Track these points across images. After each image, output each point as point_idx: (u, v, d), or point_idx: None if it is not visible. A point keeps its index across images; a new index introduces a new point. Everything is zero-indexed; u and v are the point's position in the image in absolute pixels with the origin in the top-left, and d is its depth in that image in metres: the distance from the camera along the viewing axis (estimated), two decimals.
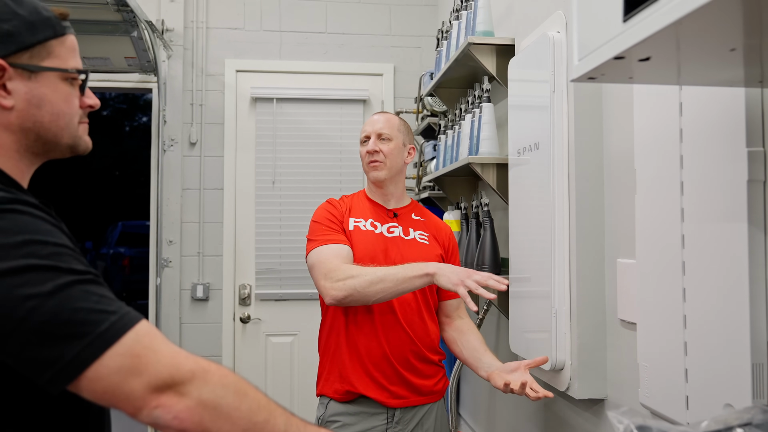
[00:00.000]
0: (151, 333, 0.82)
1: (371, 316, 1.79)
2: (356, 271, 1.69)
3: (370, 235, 1.85)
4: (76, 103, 0.96)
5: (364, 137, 1.95)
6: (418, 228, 1.93)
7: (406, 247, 1.87)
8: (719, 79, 0.95)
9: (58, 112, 0.93)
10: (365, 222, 1.88)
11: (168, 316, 3.44)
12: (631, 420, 0.74)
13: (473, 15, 2.26)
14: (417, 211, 1.99)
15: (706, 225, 1.12)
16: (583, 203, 1.60)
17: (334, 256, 1.74)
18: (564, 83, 1.64)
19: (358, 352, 1.79)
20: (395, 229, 1.90)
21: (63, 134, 0.94)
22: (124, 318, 0.80)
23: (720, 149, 1.09)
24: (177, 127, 3.50)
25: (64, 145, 0.96)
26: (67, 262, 0.80)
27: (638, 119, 1.36)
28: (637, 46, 0.74)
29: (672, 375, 1.22)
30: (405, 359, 1.80)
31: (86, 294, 0.79)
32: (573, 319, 1.61)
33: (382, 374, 1.78)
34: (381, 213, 1.92)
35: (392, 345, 1.79)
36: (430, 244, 1.91)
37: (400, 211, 1.95)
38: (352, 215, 1.89)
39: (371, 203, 1.95)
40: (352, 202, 1.94)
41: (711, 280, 1.11)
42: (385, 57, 3.68)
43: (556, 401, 1.87)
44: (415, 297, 1.83)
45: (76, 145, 0.97)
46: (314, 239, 1.82)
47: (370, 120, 1.98)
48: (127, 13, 2.85)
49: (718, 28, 0.69)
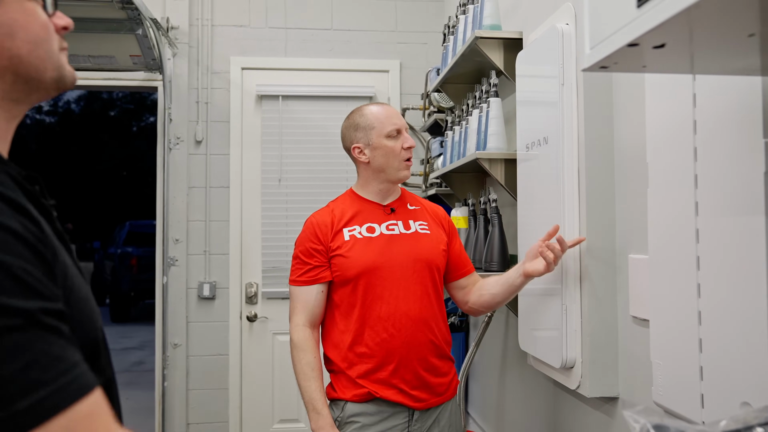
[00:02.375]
0: (93, 415, 0.59)
1: (387, 323, 1.74)
2: (302, 346, 1.77)
3: (366, 242, 1.78)
4: (50, 23, 0.77)
5: (395, 131, 1.80)
6: (417, 218, 1.85)
7: (409, 241, 1.80)
8: (735, 67, 0.92)
9: (35, 39, 0.74)
10: (360, 228, 1.79)
11: (175, 315, 3.43)
12: (647, 419, 0.71)
13: (480, 9, 2.24)
14: (410, 200, 1.91)
15: (721, 219, 1.10)
16: (593, 198, 1.58)
17: (302, 307, 1.80)
18: (573, 76, 1.61)
19: (378, 362, 1.74)
20: (395, 225, 1.82)
21: (46, 66, 0.76)
22: (60, 392, 0.57)
23: (735, 140, 1.06)
24: (183, 125, 3.49)
25: (49, 80, 0.77)
26: (10, 295, 0.58)
27: (650, 111, 1.33)
28: (652, 32, 0.72)
29: (686, 373, 1.19)
30: (424, 358, 1.75)
31: (18, 350, 0.56)
32: (584, 316, 1.58)
33: (402, 380, 1.74)
34: (377, 211, 1.83)
35: (411, 346, 1.74)
36: (432, 233, 1.84)
37: (395, 205, 1.86)
38: (345, 225, 1.80)
39: (365, 203, 1.85)
40: (343, 210, 1.83)
41: (727, 275, 1.08)
42: (391, 53, 3.66)
43: (567, 399, 1.85)
44: (425, 288, 1.78)
45: (62, 78, 0.78)
46: (292, 273, 1.83)
47: (390, 112, 1.84)
48: (132, 10, 2.84)
49: (737, 11, 0.67)
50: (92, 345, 0.72)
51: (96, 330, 0.74)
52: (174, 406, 3.42)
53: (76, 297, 0.69)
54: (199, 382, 3.45)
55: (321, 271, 1.78)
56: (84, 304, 0.71)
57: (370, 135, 1.80)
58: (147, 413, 4.54)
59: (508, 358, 2.51)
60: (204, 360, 3.46)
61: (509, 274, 1.77)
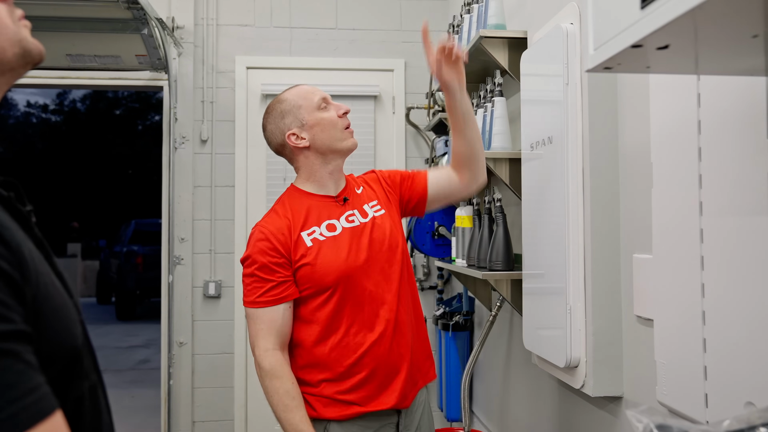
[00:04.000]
0: None
1: (373, 332, 1.59)
2: (277, 373, 1.55)
3: (332, 242, 1.60)
4: None
5: (322, 101, 1.65)
6: (366, 200, 1.70)
7: (370, 230, 1.64)
8: (739, 67, 0.92)
9: None
10: (320, 229, 1.61)
11: (180, 314, 3.45)
12: (650, 419, 0.72)
13: (485, 8, 2.24)
14: (354, 183, 1.75)
15: (725, 219, 1.10)
16: (598, 197, 1.58)
17: (268, 328, 1.57)
18: (578, 76, 1.61)
19: (371, 369, 1.58)
20: (353, 216, 1.65)
21: (4, 46, 0.70)
22: (12, 419, 0.57)
23: (740, 141, 1.06)
24: (188, 124, 3.50)
25: (12, 58, 0.71)
26: None
27: (654, 111, 1.33)
28: (656, 33, 0.72)
29: (690, 372, 1.19)
30: (417, 367, 1.66)
31: None
32: (588, 316, 1.59)
33: (397, 382, 1.61)
34: (330, 205, 1.65)
35: (402, 342, 1.62)
36: (385, 211, 1.69)
37: (346, 193, 1.69)
38: (303, 229, 1.60)
39: (314, 199, 1.66)
40: (294, 212, 1.62)
41: (731, 275, 1.08)
42: (396, 52, 3.66)
43: (571, 399, 1.85)
44: (401, 275, 1.65)
45: (27, 51, 0.72)
46: (249, 294, 1.59)
47: (307, 87, 1.70)
48: (137, 10, 2.85)
49: (740, 12, 0.67)
50: (70, 353, 0.72)
51: (74, 337, 0.72)
52: (180, 404, 3.43)
53: (51, 306, 0.68)
54: (204, 380, 3.47)
55: (286, 287, 1.57)
56: (60, 313, 0.70)
57: (301, 114, 1.64)
58: (153, 411, 4.56)
59: (512, 358, 2.51)
60: (209, 358, 3.47)
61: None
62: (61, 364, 0.69)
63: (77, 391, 0.74)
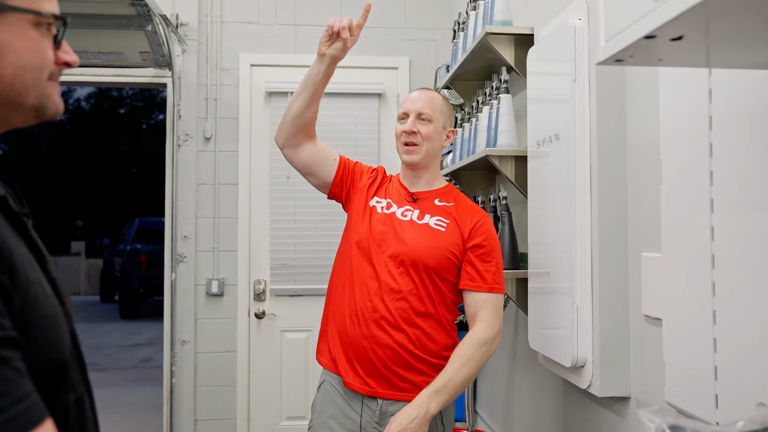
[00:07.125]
0: None
1: (369, 325, 1.72)
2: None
3: (381, 217, 1.78)
4: (49, 55, 0.76)
5: (402, 114, 1.80)
6: (438, 214, 1.76)
7: (414, 231, 1.73)
8: (754, 60, 0.90)
9: (24, 64, 0.72)
10: (383, 202, 1.81)
11: (183, 312, 3.44)
12: (663, 419, 0.70)
13: (491, 4, 2.22)
14: (447, 197, 1.81)
15: (737, 216, 1.08)
16: (605, 195, 1.56)
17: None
18: (586, 72, 1.59)
19: (338, 346, 1.83)
20: (409, 212, 1.77)
21: (28, 93, 0.74)
22: (3, 428, 0.56)
23: (752, 137, 1.04)
24: (191, 122, 3.49)
25: (29, 107, 0.75)
26: None
27: (664, 107, 1.31)
28: (670, 23, 0.70)
29: (700, 372, 1.17)
30: (385, 361, 1.70)
31: None
32: (595, 315, 1.57)
33: (359, 368, 1.73)
34: (402, 195, 1.82)
35: (371, 343, 1.70)
36: (446, 231, 1.73)
37: (422, 195, 1.80)
38: (377, 194, 1.83)
39: (397, 183, 1.86)
40: (389, 181, 1.88)
41: (742, 274, 1.06)
42: (401, 50, 3.64)
43: (577, 399, 1.83)
44: (416, 286, 1.70)
45: (43, 107, 0.76)
46: None
47: (410, 96, 1.83)
48: (141, 7, 2.83)
49: (756, 0, 0.65)
50: (57, 364, 0.71)
51: (61, 349, 0.71)
52: (182, 403, 3.42)
53: (39, 316, 0.67)
54: (207, 378, 3.46)
55: (351, 167, 1.92)
56: (48, 323, 0.69)
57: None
58: (155, 409, 4.56)
59: (517, 357, 2.49)
60: (212, 357, 3.46)
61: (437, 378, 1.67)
62: (46, 377, 0.68)
63: (63, 404, 0.72)
